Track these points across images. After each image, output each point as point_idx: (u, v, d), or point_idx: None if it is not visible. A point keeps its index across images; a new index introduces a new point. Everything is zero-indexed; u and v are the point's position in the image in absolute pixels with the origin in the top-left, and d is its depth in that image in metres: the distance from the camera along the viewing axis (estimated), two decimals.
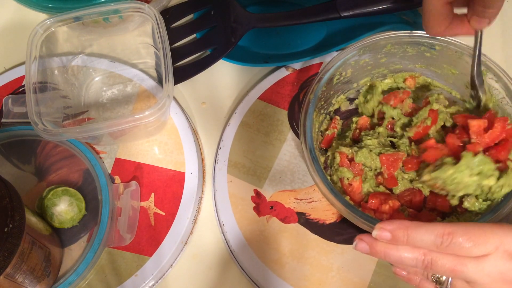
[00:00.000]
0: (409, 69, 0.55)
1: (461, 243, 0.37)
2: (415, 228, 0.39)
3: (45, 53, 0.56)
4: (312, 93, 0.51)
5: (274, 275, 0.51)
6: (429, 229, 0.39)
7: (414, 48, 0.52)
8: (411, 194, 0.51)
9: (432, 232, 0.38)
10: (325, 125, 0.56)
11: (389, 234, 0.40)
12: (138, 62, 0.63)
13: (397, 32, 0.52)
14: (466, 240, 0.37)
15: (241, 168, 0.56)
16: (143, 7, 0.56)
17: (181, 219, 0.54)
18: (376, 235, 0.41)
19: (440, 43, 0.51)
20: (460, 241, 0.37)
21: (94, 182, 0.55)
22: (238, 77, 0.64)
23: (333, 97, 0.56)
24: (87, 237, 0.53)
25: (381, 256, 0.42)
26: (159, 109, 0.49)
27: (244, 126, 0.59)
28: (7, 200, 0.42)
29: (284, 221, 0.53)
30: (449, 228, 0.38)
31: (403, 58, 0.54)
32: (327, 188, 0.46)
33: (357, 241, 0.43)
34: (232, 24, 0.62)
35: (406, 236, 0.39)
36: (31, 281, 0.46)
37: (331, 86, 0.54)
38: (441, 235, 0.38)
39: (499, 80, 0.48)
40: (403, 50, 0.53)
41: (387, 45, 0.53)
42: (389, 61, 0.55)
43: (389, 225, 0.40)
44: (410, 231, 0.39)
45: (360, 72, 0.55)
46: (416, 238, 0.39)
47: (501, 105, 0.49)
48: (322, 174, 0.47)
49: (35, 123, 0.50)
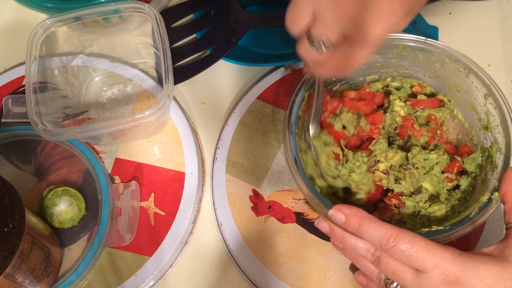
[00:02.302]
0: (418, 77, 0.55)
1: (403, 251, 0.39)
2: (368, 221, 0.41)
3: (45, 53, 0.56)
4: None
5: (272, 275, 0.51)
6: (380, 227, 0.40)
7: (426, 55, 0.52)
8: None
9: (381, 230, 0.40)
10: None
11: (343, 217, 0.42)
12: (138, 62, 0.64)
13: (411, 36, 0.51)
14: (407, 249, 0.39)
15: (240, 168, 0.56)
16: (143, 7, 0.56)
17: (181, 219, 0.54)
18: (331, 215, 0.43)
19: (450, 56, 0.50)
20: (402, 248, 0.39)
21: (94, 182, 0.55)
22: (237, 77, 0.64)
23: (335, 84, 0.55)
24: (87, 237, 0.53)
25: (338, 238, 0.45)
26: (159, 109, 0.50)
27: (243, 125, 0.59)
28: (7, 200, 0.42)
29: (282, 221, 0.54)
30: (397, 233, 0.39)
31: (413, 63, 0.53)
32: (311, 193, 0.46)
33: (320, 220, 0.46)
34: (232, 24, 0.62)
35: (358, 225, 0.42)
36: (31, 281, 0.46)
37: None
38: (389, 235, 0.40)
39: (498, 107, 0.48)
40: (414, 55, 0.52)
41: (399, 46, 0.52)
42: (399, 63, 0.54)
43: (347, 209, 0.42)
44: (363, 222, 0.41)
45: (368, 68, 0.55)
46: (365, 230, 0.41)
47: (494, 132, 0.48)
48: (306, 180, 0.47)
49: (35, 123, 0.50)
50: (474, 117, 0.51)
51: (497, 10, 0.67)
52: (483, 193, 0.46)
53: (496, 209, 0.44)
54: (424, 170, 0.50)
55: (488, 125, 0.49)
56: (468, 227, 0.43)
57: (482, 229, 0.52)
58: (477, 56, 0.50)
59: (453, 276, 0.38)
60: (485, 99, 0.49)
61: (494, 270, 0.38)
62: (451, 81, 0.52)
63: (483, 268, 0.38)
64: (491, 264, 0.38)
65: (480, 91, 0.49)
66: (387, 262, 0.41)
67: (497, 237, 0.43)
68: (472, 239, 0.52)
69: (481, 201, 0.45)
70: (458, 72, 0.51)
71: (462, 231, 0.43)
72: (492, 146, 0.48)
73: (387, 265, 0.41)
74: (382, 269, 0.42)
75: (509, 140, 0.46)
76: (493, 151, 0.48)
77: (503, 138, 0.47)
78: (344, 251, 0.47)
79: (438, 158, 0.49)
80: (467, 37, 0.66)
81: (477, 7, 0.67)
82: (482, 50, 0.65)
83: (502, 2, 0.68)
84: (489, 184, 0.46)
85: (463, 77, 0.50)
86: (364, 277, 0.48)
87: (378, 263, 0.42)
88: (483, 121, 0.50)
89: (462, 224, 0.44)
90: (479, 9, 0.67)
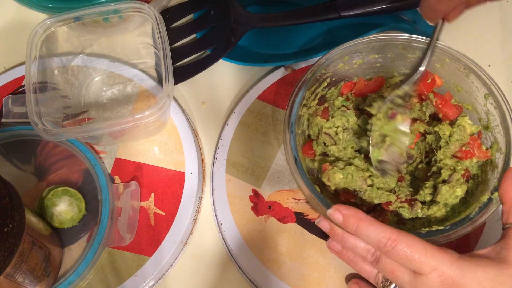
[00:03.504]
0: None
1: (401, 254, 0.39)
2: (367, 223, 0.41)
3: (45, 53, 0.56)
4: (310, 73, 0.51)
5: (272, 275, 0.51)
6: (378, 229, 0.40)
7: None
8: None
9: (380, 233, 0.40)
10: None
11: (341, 217, 0.42)
12: (138, 62, 0.64)
13: (412, 36, 0.51)
14: (405, 252, 0.39)
15: (240, 168, 0.56)
16: (143, 7, 0.56)
17: (181, 219, 0.54)
18: (330, 214, 0.43)
19: (450, 56, 0.50)
20: (400, 251, 0.39)
21: (94, 182, 0.55)
22: (238, 77, 0.64)
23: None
24: (87, 237, 0.53)
25: (339, 238, 0.45)
26: (159, 109, 0.50)
27: (243, 125, 0.59)
28: (7, 200, 0.42)
29: (282, 220, 0.54)
30: (396, 235, 0.39)
31: (413, 63, 0.52)
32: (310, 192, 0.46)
33: (321, 218, 0.46)
34: (232, 24, 0.62)
35: (355, 226, 0.41)
36: (31, 281, 0.46)
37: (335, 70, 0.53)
38: (387, 238, 0.40)
39: (498, 107, 0.48)
40: (414, 55, 0.52)
41: (399, 46, 0.52)
42: (399, 63, 0.54)
43: (345, 209, 0.42)
44: (361, 223, 0.41)
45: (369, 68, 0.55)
46: (364, 232, 0.41)
47: (494, 132, 0.48)
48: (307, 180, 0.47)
49: (35, 123, 0.50)
50: (474, 117, 0.51)
51: (497, 10, 0.67)
52: (483, 193, 0.46)
53: (496, 209, 0.44)
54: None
55: (488, 125, 0.49)
56: (468, 227, 0.43)
57: (482, 229, 0.52)
58: (477, 56, 0.50)
59: (450, 280, 0.38)
60: (485, 99, 0.49)
61: (492, 274, 0.38)
62: (451, 81, 0.52)
63: (481, 271, 0.38)
64: (490, 267, 0.38)
65: (480, 91, 0.49)
66: (385, 262, 0.41)
67: (497, 237, 0.43)
68: (472, 239, 0.52)
69: (481, 201, 0.45)
70: (458, 72, 0.51)
71: (462, 231, 0.43)
72: (492, 146, 0.48)
73: (385, 265, 0.41)
74: (381, 269, 0.42)
75: (509, 140, 0.46)
76: (493, 151, 0.48)
77: (503, 138, 0.47)
78: (341, 254, 0.47)
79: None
80: (467, 37, 0.66)
81: (477, 7, 0.67)
82: (482, 50, 0.65)
83: (502, 2, 0.68)
84: (489, 184, 0.46)
85: (463, 77, 0.50)
86: (358, 286, 0.49)
87: (377, 263, 0.42)
88: (483, 121, 0.50)
89: (462, 224, 0.44)
90: (479, 9, 0.67)
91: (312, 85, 0.51)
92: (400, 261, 0.40)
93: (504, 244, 0.40)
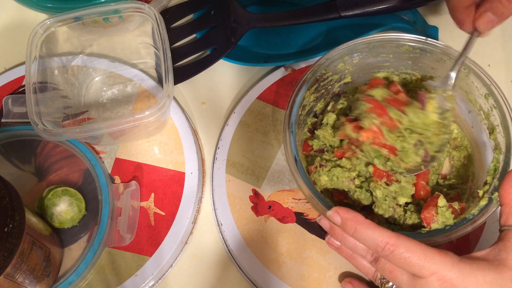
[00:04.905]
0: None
1: (400, 258, 0.39)
2: (365, 227, 0.41)
3: (45, 53, 0.56)
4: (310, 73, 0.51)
5: (272, 275, 0.51)
6: (376, 233, 0.40)
7: (425, 55, 0.51)
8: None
9: (377, 237, 0.40)
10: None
11: (340, 220, 0.42)
12: (138, 62, 0.64)
13: (412, 36, 0.51)
14: (404, 257, 0.39)
15: (240, 168, 0.56)
16: (143, 7, 0.56)
17: (181, 219, 0.54)
18: (329, 215, 0.43)
19: (450, 56, 0.50)
20: (399, 255, 0.39)
21: (94, 182, 0.55)
22: (238, 77, 0.64)
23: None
24: (87, 237, 0.53)
25: (339, 238, 0.45)
26: (159, 109, 0.50)
27: (243, 125, 0.59)
28: (7, 200, 0.42)
29: (282, 221, 0.54)
30: (394, 240, 0.39)
31: (413, 63, 0.53)
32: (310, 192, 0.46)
33: (322, 217, 0.46)
34: (232, 24, 0.62)
35: (353, 229, 0.41)
36: (31, 281, 0.46)
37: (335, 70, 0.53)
38: (385, 243, 0.39)
39: (498, 107, 0.47)
40: (414, 55, 0.52)
41: (399, 46, 0.52)
42: (399, 63, 0.54)
43: (344, 213, 0.42)
44: (359, 227, 0.41)
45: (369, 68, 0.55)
46: (362, 236, 0.41)
47: (494, 132, 0.48)
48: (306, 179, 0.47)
49: (35, 123, 0.50)
50: (476, 118, 0.51)
51: None
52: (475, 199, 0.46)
53: (496, 209, 0.44)
54: None
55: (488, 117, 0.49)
56: (468, 227, 0.43)
57: (482, 229, 0.52)
58: (477, 56, 0.50)
59: (450, 283, 0.38)
60: (485, 99, 0.49)
61: (492, 277, 0.38)
62: None
63: (481, 275, 0.38)
64: (489, 271, 0.38)
65: (480, 91, 0.49)
66: (384, 263, 0.41)
67: (497, 237, 0.43)
68: (472, 239, 0.52)
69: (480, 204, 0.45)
70: (458, 72, 0.51)
71: (462, 231, 0.43)
72: (492, 131, 0.48)
73: (384, 265, 0.41)
74: (379, 268, 0.42)
75: (509, 140, 0.46)
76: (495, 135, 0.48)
77: (503, 138, 0.47)
78: (340, 249, 0.47)
79: None
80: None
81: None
82: (482, 50, 0.65)
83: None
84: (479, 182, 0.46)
85: (463, 77, 0.50)
86: (351, 286, 0.49)
87: (375, 263, 0.42)
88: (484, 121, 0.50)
89: (462, 224, 0.44)
90: None
91: (312, 85, 0.51)
92: (399, 265, 0.40)
93: (503, 246, 0.40)
